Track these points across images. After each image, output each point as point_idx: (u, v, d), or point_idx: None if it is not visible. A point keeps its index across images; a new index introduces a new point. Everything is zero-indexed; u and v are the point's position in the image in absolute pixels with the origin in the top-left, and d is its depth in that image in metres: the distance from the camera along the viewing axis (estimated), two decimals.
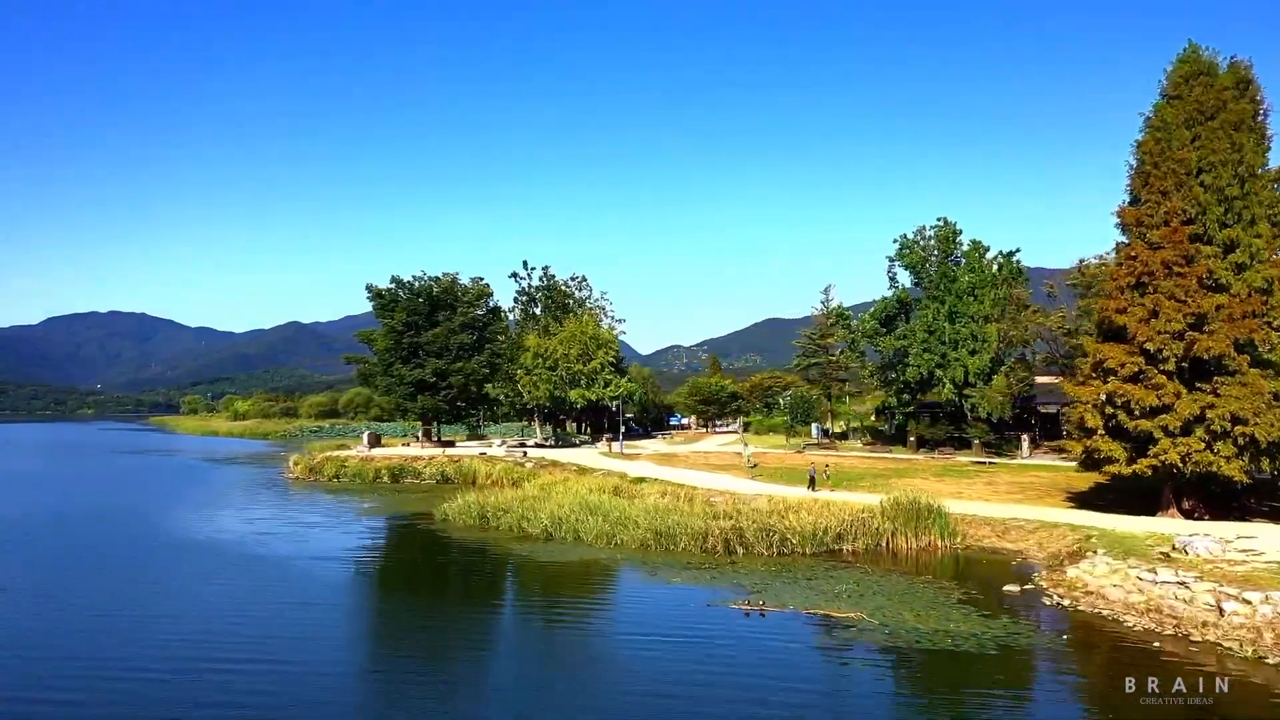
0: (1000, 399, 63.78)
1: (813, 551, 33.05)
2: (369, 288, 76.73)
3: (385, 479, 65.03)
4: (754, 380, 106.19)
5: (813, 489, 44.55)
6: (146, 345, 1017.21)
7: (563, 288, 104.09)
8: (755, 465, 59.69)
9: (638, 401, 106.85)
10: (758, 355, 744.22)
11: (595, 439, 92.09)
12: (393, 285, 76.67)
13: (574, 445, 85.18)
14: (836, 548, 33.63)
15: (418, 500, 52.84)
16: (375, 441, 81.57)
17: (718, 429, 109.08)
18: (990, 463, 59.74)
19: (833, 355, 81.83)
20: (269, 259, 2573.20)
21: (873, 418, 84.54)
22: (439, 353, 74.27)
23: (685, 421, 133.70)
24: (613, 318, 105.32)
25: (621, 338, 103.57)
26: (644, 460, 67.63)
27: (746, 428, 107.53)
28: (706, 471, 58.43)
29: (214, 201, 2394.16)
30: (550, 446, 78.83)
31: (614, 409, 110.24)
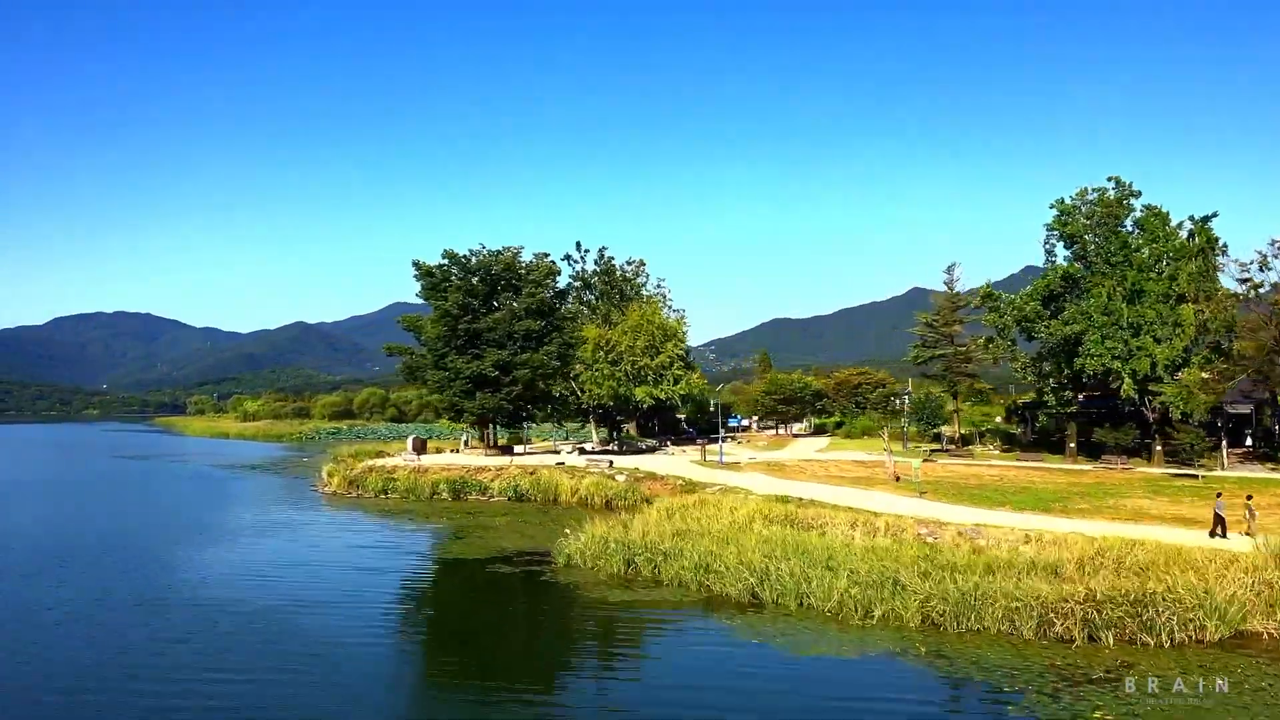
0: (1203, 397, 51.24)
1: (1212, 637, 20.61)
2: (416, 265, 64.40)
3: (444, 495, 52.73)
4: (839, 376, 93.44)
5: (1222, 534, 28.87)
6: (152, 345, 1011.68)
7: (620, 272, 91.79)
8: (898, 479, 47.81)
9: (698, 400, 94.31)
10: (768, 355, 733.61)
11: (660, 443, 79.77)
12: (445, 262, 64.31)
13: (641, 450, 72.94)
14: (1242, 629, 21.17)
15: (504, 529, 40.63)
16: (421, 447, 69.33)
17: (793, 432, 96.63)
18: (1199, 475, 47.31)
19: (960, 345, 69.24)
20: (274, 259, 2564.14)
21: (998, 420, 71.95)
22: (500, 342, 61.90)
23: (745, 423, 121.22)
24: (670, 306, 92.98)
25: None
26: (750, 471, 55.70)
27: (821, 430, 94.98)
28: (849, 487, 46.81)
29: (219, 201, 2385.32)
30: (615, 453, 66.70)
31: (682, 410, 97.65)
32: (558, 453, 63.75)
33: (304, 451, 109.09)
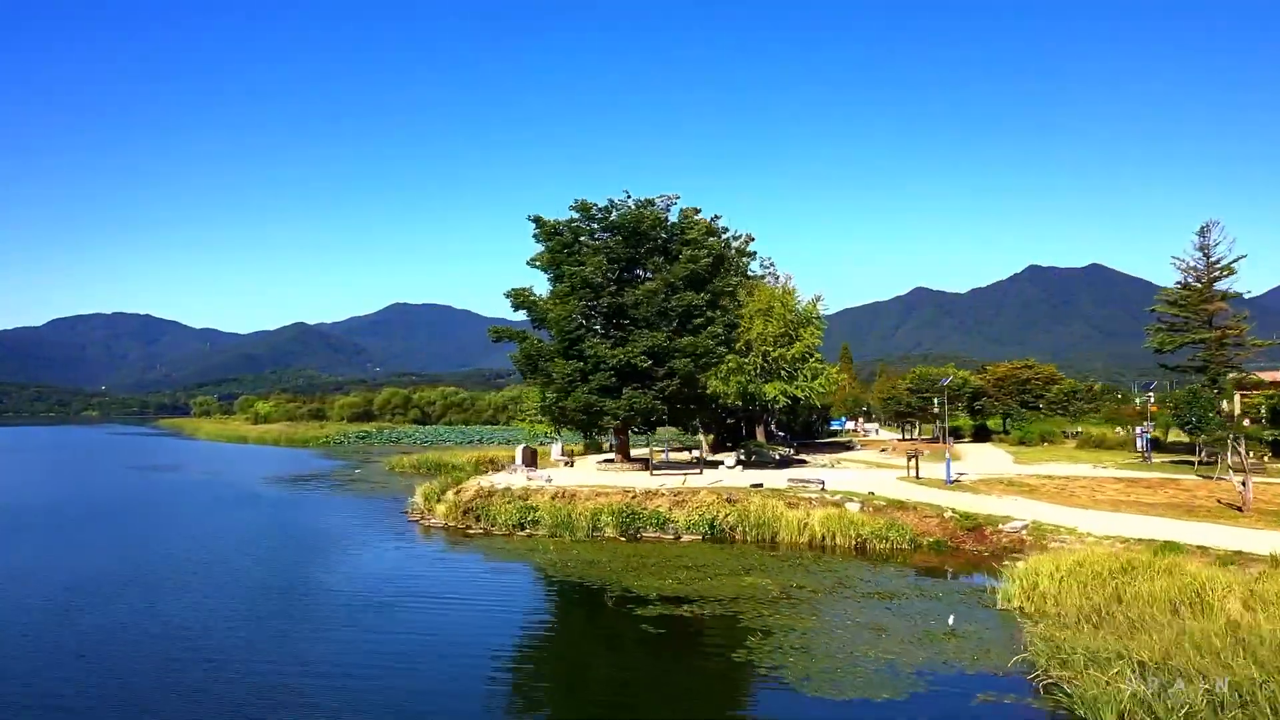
0: None
1: None
2: (538, 221, 49.07)
3: (608, 530, 37.52)
4: (999, 371, 78.08)
5: None
6: (152, 347, 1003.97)
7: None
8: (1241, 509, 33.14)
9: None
10: None
11: (792, 452, 64.60)
12: (575, 215, 48.90)
13: (771, 461, 57.87)
14: None
15: (805, 607, 25.09)
16: (532, 459, 54.09)
17: (920, 437, 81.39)
18: None
19: (1225, 327, 53.84)
20: (273, 259, 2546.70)
21: (1246, 422, 56.47)
22: (652, 321, 46.54)
23: (850, 425, 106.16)
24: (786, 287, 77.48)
25: None
26: (1000, 494, 41.28)
27: (981, 435, 79.49)
28: (1205, 522, 32.89)
29: (218, 202, 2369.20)
30: (744, 464, 51.63)
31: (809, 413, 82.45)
32: (670, 466, 48.40)
33: (347, 460, 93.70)
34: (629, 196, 47.69)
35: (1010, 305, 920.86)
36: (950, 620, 22.03)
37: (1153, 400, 58.46)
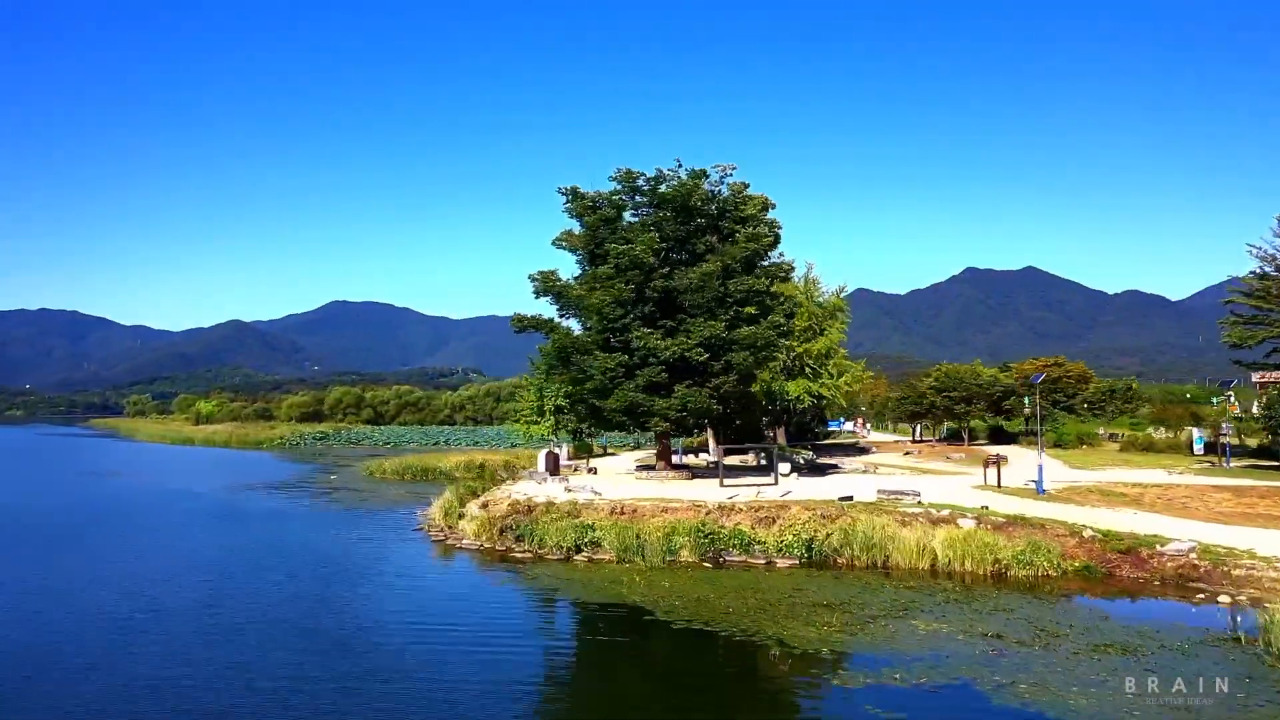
0: None
1: None
2: (573, 193, 42.82)
3: (684, 554, 31.51)
4: (1026, 368, 73.54)
5: None
6: (79, 344, 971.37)
7: None
8: None
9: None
10: None
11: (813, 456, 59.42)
12: (618, 187, 42.72)
13: (800, 467, 52.65)
14: None
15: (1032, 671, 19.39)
16: (555, 465, 47.82)
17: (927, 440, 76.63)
18: None
19: None
20: (207, 255, 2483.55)
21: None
22: (708, 308, 40.61)
23: (848, 426, 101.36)
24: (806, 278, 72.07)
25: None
26: (1090, 503, 36.45)
27: (998, 437, 74.80)
28: None
29: (151, 196, 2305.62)
30: (761, 469, 46.10)
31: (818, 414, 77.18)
32: (775, 474, 42.60)
33: (314, 464, 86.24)
34: (680, 165, 41.62)
35: (949, 306, 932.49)
36: None
37: (1233, 400, 54.18)
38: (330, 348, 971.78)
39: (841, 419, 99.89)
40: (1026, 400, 55.83)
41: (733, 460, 64.79)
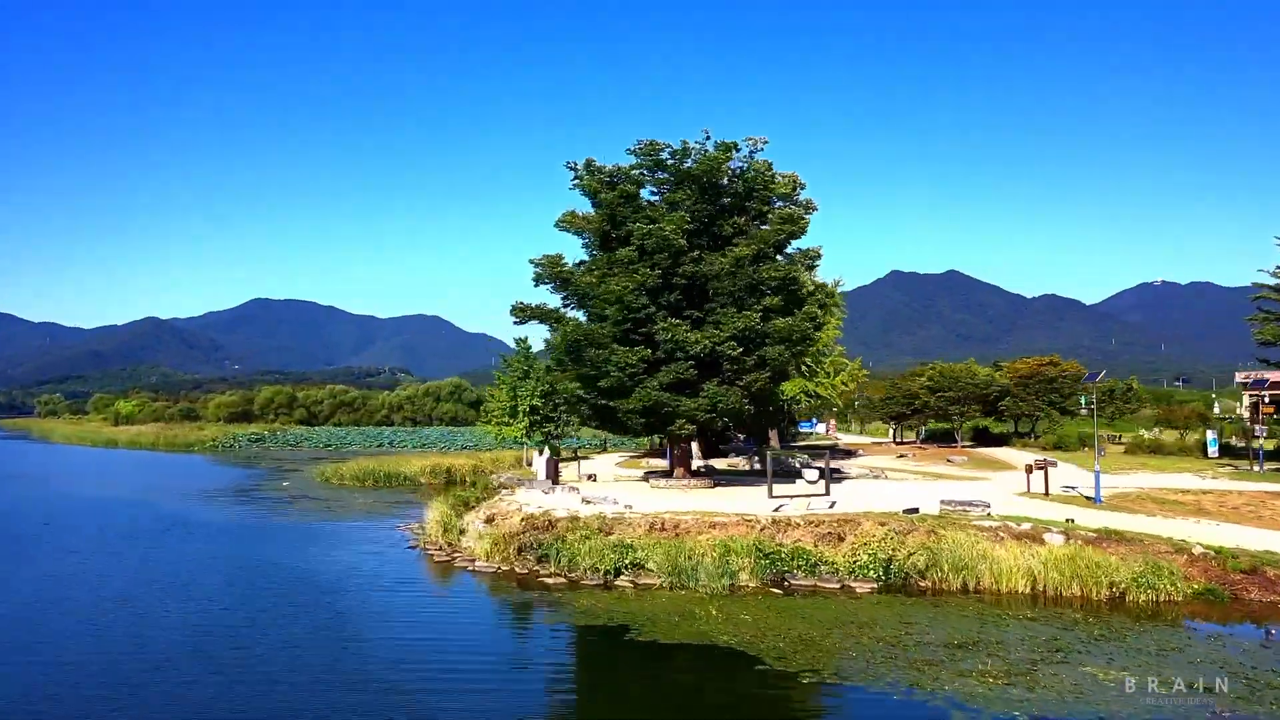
0: None
1: None
2: (586, 167, 38.18)
3: (743, 577, 27.21)
4: (1021, 369, 70.77)
5: None
6: None
7: None
8: None
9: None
10: None
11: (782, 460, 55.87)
12: (637, 161, 38.19)
13: (797, 472, 48.76)
14: None
15: None
16: (556, 472, 43.11)
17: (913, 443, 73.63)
18: None
19: None
20: (122, 250, 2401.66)
21: None
22: (738, 298, 36.35)
23: (820, 428, 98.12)
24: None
25: (499, 337, 67.46)
26: (1174, 517, 33.39)
27: (983, 439, 71.93)
28: None
29: (63, 187, 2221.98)
30: (753, 474, 42.24)
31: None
32: (794, 484, 38.46)
33: (258, 469, 79.84)
34: (708, 138, 37.16)
35: (875, 309, 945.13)
36: None
37: (1268, 400, 51.74)
38: (252, 346, 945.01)
39: (813, 420, 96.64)
40: (1084, 400, 52.61)
41: (719, 464, 60.72)
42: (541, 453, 63.49)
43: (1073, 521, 29.96)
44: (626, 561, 28.25)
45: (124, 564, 31.46)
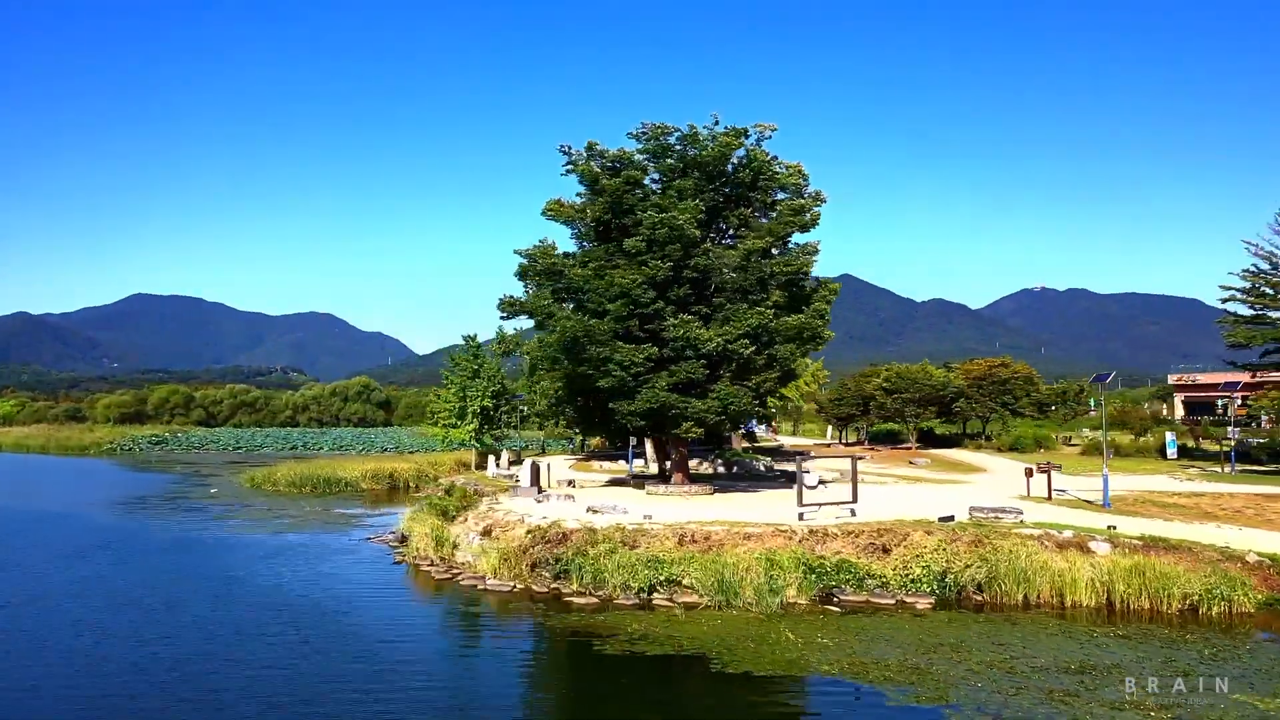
0: None
1: None
2: (589, 150, 35.58)
3: (791, 593, 25.16)
4: (975, 370, 70.71)
5: None
6: None
7: None
8: None
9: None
10: None
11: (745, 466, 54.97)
12: (644, 144, 35.74)
13: (763, 476, 47.66)
14: None
15: None
16: (536, 477, 40.32)
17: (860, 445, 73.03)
18: None
19: None
20: None
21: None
22: (749, 291, 34.33)
23: (761, 430, 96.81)
24: None
25: (396, 336, 65.82)
26: (1193, 521, 32.93)
27: (928, 441, 71.67)
28: None
29: None
30: (718, 478, 40.80)
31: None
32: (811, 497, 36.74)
33: (175, 474, 74.50)
34: (717, 122, 34.94)
35: None
36: None
37: (1240, 403, 52.24)
38: (131, 344, 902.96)
39: (753, 420, 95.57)
40: (1094, 402, 52.17)
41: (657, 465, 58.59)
42: (499, 455, 60.57)
43: (1114, 529, 28.80)
44: (661, 578, 25.87)
45: (84, 589, 27.59)
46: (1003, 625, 22.59)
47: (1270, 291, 49.76)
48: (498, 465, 55.49)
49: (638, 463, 62.41)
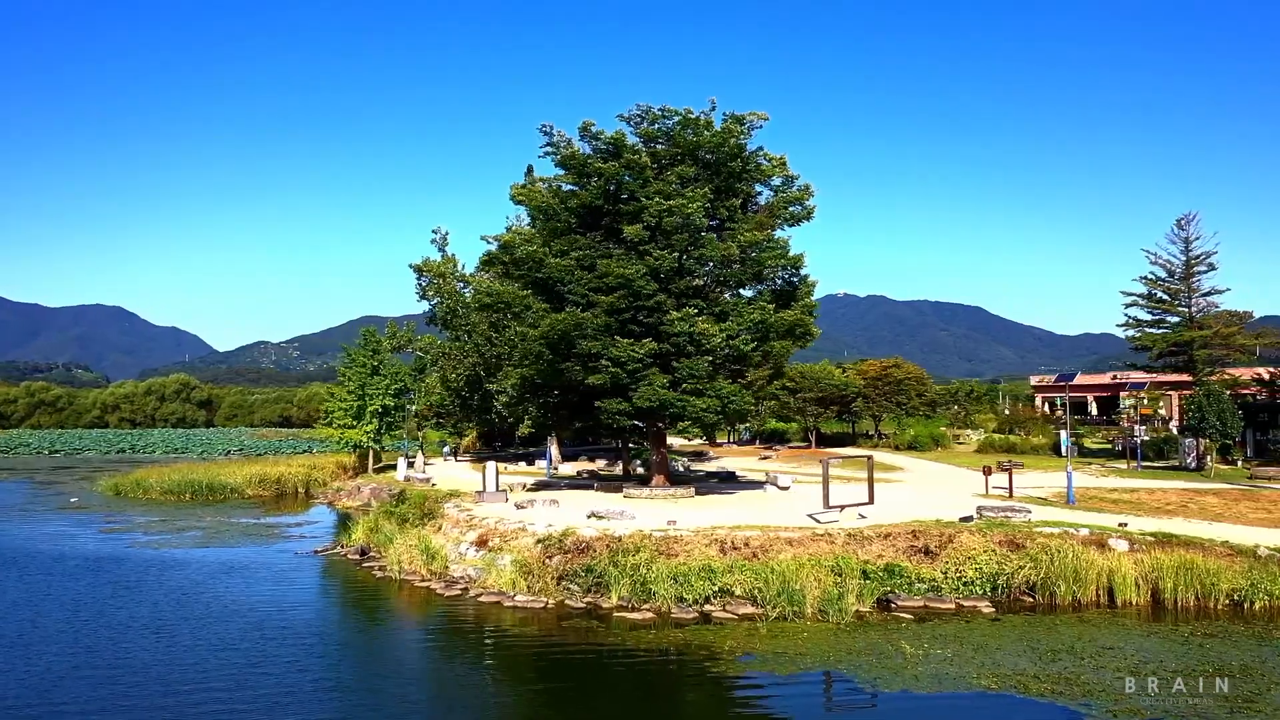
0: None
1: None
2: (583, 132, 33.19)
3: (849, 599, 23.98)
4: (870, 371, 72.01)
5: None
6: None
7: None
8: None
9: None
10: None
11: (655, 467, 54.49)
12: (635, 127, 33.67)
13: (688, 478, 46.96)
14: None
15: None
16: (498, 480, 37.48)
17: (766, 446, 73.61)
18: None
19: (1203, 326, 50.88)
20: None
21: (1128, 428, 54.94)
22: (740, 286, 33.07)
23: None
24: None
25: (194, 332, 64.66)
26: (1155, 516, 34.44)
27: (771, 439, 72.74)
28: None
29: None
30: (625, 480, 40.58)
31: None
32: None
33: (33, 481, 66.23)
34: (714, 107, 33.33)
35: None
36: None
37: (1146, 403, 54.98)
38: None
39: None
40: (1059, 400, 53.24)
41: (568, 468, 56.74)
42: (411, 455, 56.83)
43: (1126, 525, 29.18)
44: (715, 588, 24.16)
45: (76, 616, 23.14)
46: (1076, 625, 22.31)
47: (1166, 297, 52.90)
48: (411, 467, 51.96)
49: (540, 463, 60.14)
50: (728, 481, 43.00)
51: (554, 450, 61.47)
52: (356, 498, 50.21)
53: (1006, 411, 78.23)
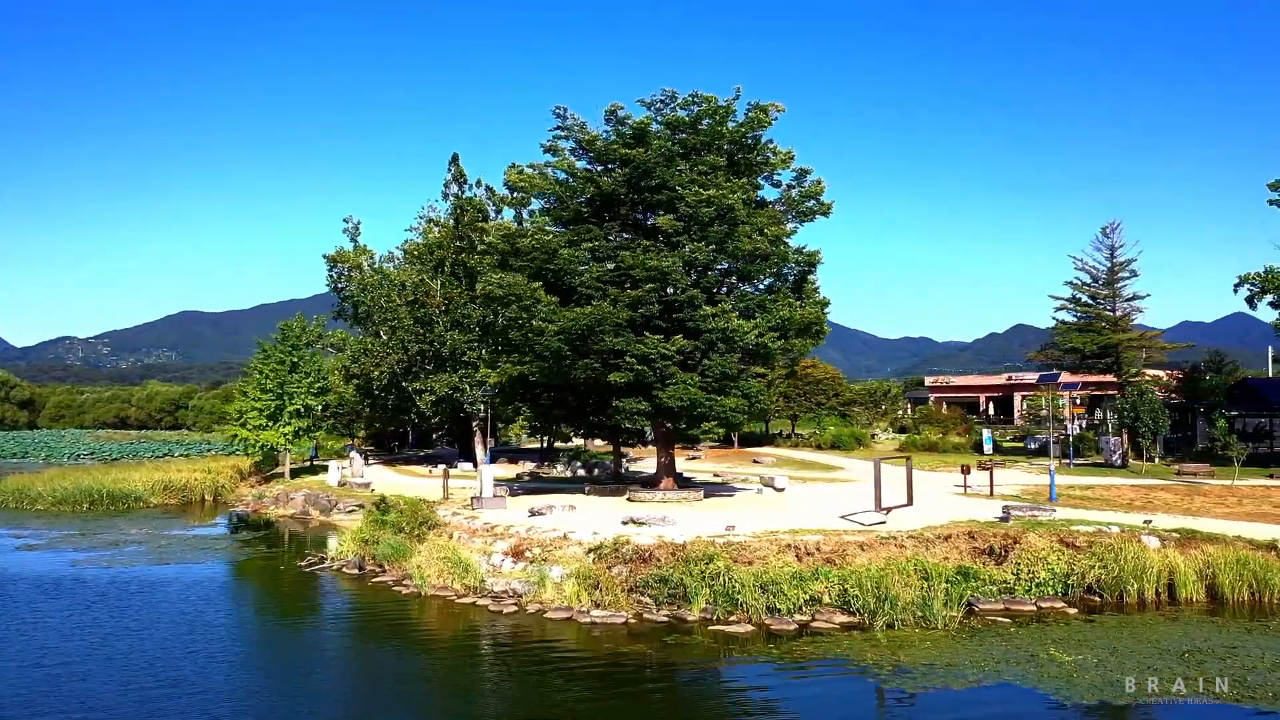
0: None
1: None
2: (609, 116, 31.30)
3: (936, 605, 23.33)
4: (782, 373, 72.30)
5: None
6: None
7: None
8: None
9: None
10: (173, 352, 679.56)
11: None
12: (661, 114, 31.96)
13: (626, 479, 46.26)
14: None
15: None
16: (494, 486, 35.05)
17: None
18: None
19: (1124, 331, 53.44)
20: None
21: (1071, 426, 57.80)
22: (765, 282, 32.05)
23: None
24: None
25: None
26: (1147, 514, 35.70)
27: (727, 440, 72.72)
28: None
29: None
30: (577, 480, 40.15)
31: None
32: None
33: None
34: (738, 95, 31.98)
35: None
36: None
37: (1078, 402, 56.97)
38: None
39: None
40: (1045, 400, 54.10)
41: (503, 470, 54.52)
42: (351, 459, 53.35)
43: (1150, 523, 29.77)
44: (805, 596, 23.09)
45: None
46: (1166, 624, 22.42)
47: (1091, 301, 55.35)
48: (350, 473, 48.48)
49: (465, 466, 57.71)
50: (716, 484, 42.05)
51: (480, 449, 59.10)
52: (287, 505, 46.46)
53: (904, 412, 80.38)
